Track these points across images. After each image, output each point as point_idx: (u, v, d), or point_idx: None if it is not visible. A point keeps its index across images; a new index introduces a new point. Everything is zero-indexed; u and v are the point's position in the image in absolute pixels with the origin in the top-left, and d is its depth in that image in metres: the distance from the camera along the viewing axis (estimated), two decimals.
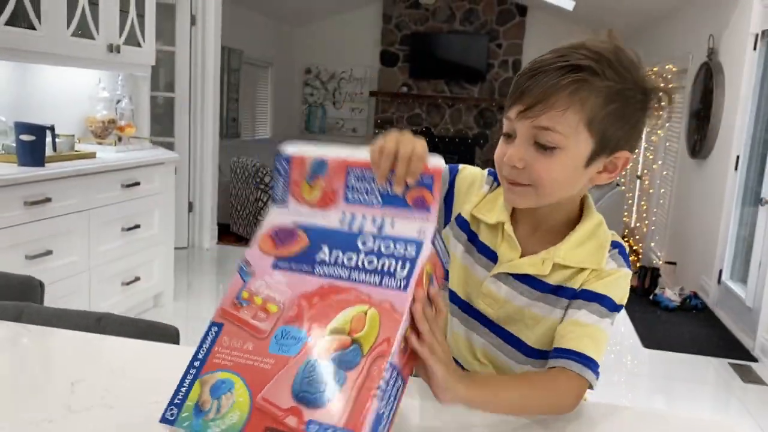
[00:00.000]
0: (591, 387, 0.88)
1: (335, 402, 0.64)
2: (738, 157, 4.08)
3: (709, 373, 3.36)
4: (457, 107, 8.54)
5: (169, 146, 4.54)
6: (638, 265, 5.23)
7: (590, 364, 0.87)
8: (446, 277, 0.78)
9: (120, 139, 3.43)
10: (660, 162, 5.81)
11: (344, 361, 0.67)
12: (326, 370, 0.66)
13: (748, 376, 3.27)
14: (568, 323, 0.91)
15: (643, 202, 6.37)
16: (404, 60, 8.50)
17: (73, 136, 3.07)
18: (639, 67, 0.88)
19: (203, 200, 5.02)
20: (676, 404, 0.84)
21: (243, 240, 5.55)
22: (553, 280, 0.94)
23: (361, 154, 0.79)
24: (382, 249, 0.74)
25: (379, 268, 0.72)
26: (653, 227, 5.88)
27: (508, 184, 0.91)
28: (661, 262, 5.40)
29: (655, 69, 5.88)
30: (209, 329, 0.74)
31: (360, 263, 0.73)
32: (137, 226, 3.28)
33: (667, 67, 5.65)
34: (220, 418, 0.67)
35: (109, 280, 3.14)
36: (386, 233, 0.76)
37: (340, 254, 0.75)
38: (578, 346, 0.88)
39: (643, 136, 6.28)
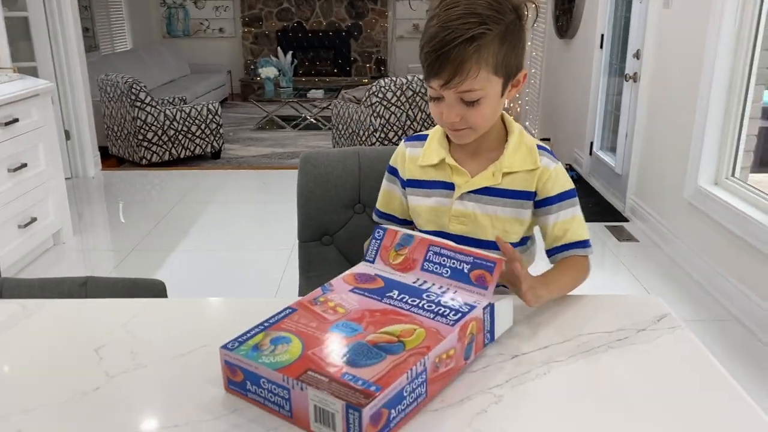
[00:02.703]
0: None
1: (372, 368, 0.77)
2: (602, 35, 4.37)
3: None
4: None
5: (32, 72, 4.17)
6: None
7: (586, 243, 1.18)
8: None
9: None
10: (529, 43, 6.09)
11: (388, 349, 0.81)
12: (372, 350, 0.81)
13: (622, 235, 3.73)
14: (558, 225, 1.17)
15: None
16: None
17: None
18: None
19: (80, 126, 4.71)
20: None
21: (125, 162, 5.29)
22: (506, 185, 1.16)
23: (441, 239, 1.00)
24: (441, 302, 0.92)
25: (435, 311, 0.89)
26: (527, 107, 6.25)
27: (452, 131, 1.13)
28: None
29: None
30: (284, 310, 0.89)
31: (420, 305, 0.91)
32: (24, 165, 3.09)
33: None
34: (273, 355, 0.80)
35: (5, 225, 2.98)
36: (448, 297, 0.93)
37: (406, 296, 0.93)
38: (574, 238, 1.17)
39: None
